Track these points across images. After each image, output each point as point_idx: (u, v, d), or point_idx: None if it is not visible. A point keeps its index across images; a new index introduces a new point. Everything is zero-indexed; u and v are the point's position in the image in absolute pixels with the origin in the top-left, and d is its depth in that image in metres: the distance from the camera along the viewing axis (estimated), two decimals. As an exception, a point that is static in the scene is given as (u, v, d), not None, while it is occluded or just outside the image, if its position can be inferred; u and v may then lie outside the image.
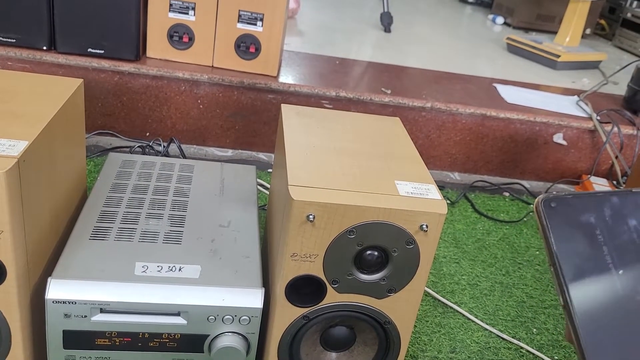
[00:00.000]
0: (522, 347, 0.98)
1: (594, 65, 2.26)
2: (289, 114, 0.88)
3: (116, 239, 0.78)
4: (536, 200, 0.40)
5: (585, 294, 0.37)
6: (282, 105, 0.90)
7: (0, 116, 0.70)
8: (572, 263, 0.38)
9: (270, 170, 1.45)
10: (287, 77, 1.50)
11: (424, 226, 0.68)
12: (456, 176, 1.60)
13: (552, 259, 0.38)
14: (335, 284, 0.71)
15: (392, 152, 0.81)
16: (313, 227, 0.67)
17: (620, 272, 0.38)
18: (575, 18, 2.18)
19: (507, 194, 1.54)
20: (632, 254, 0.39)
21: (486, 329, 1.01)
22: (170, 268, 0.74)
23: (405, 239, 0.69)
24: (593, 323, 0.36)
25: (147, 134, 1.46)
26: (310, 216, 0.66)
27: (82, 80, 0.84)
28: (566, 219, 0.39)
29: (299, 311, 0.72)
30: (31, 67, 1.35)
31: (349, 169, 0.73)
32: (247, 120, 1.48)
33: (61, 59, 1.35)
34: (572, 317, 0.37)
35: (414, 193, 0.70)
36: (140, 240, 0.78)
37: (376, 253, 0.70)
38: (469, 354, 0.95)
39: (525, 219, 1.42)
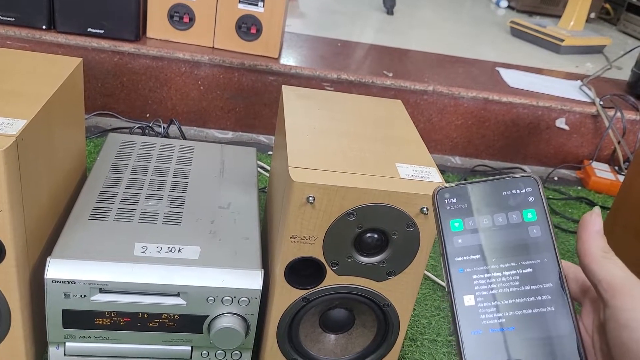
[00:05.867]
0: (520, 331, 0.98)
1: (598, 49, 2.23)
2: (290, 95, 0.88)
3: (115, 219, 0.78)
4: (433, 191, 0.39)
5: (463, 288, 0.36)
6: (282, 86, 0.90)
7: (-2, 94, 0.69)
8: (456, 255, 0.37)
9: (270, 152, 1.44)
10: (289, 59, 1.49)
11: (425, 209, 0.68)
12: (457, 160, 1.60)
13: (441, 248, 0.37)
14: (334, 266, 0.71)
15: (393, 135, 0.80)
16: (313, 209, 0.66)
17: (491, 266, 0.37)
18: (580, 2, 2.16)
19: (508, 178, 1.53)
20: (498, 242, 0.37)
21: (485, 313, 1.01)
22: (170, 249, 0.74)
23: (406, 221, 0.69)
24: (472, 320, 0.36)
25: (147, 115, 1.45)
26: (310, 198, 0.65)
27: (81, 59, 0.83)
28: (455, 211, 0.38)
29: (298, 293, 0.72)
30: (30, 46, 1.34)
31: (350, 151, 0.73)
32: (247, 102, 1.47)
33: (61, 38, 1.34)
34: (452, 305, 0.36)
35: (414, 176, 0.70)
36: (140, 221, 0.78)
37: (376, 236, 0.70)
38: (467, 337, 0.95)
39: (525, 203, 1.41)
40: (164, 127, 1.38)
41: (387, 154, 0.74)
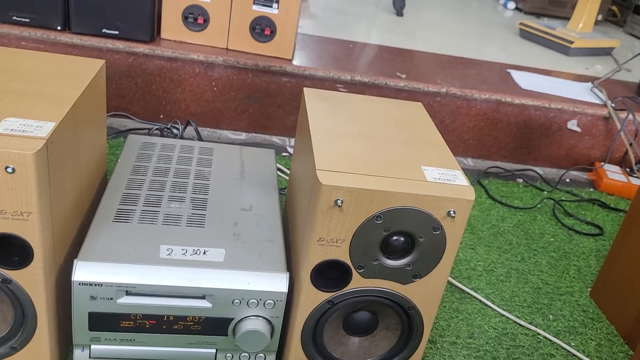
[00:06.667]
0: (539, 333, 0.98)
1: (606, 51, 2.23)
2: (312, 97, 0.88)
3: (139, 221, 0.78)
4: None
5: None
6: (304, 89, 0.90)
7: (27, 97, 0.69)
8: None
9: (284, 153, 1.44)
10: (302, 60, 1.49)
11: (452, 212, 0.68)
12: (469, 162, 1.59)
13: None
14: (360, 269, 0.71)
15: (416, 138, 0.80)
16: (340, 212, 0.66)
17: None
18: (589, 4, 2.16)
19: (520, 180, 1.53)
20: None
21: (503, 315, 1.01)
22: (195, 251, 0.74)
23: (432, 224, 0.69)
24: None
25: (161, 116, 1.45)
26: (339, 201, 0.65)
27: (104, 61, 0.83)
28: None
29: (324, 296, 0.72)
30: (45, 47, 1.34)
31: (375, 154, 0.73)
32: (261, 103, 1.47)
33: (75, 39, 1.34)
34: None
35: (441, 179, 0.70)
36: (164, 223, 0.78)
37: (402, 238, 0.70)
38: (486, 339, 0.95)
39: (539, 205, 1.41)
40: (179, 129, 1.38)
41: (413, 156, 0.74)
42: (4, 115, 0.64)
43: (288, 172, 1.33)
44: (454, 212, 0.68)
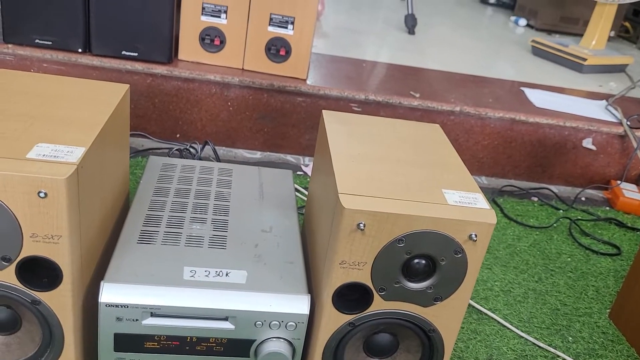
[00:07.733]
0: (558, 356, 0.98)
1: (620, 68, 2.24)
2: (331, 120, 0.89)
3: (163, 242, 0.79)
4: None
5: None
6: (323, 111, 0.91)
7: (56, 122, 0.71)
8: None
9: (299, 172, 1.45)
10: (316, 80, 1.51)
11: (473, 235, 0.68)
12: (484, 180, 1.60)
13: None
14: (382, 292, 0.71)
15: (436, 160, 0.81)
16: (363, 236, 0.67)
17: None
18: (602, 21, 2.17)
19: (535, 199, 1.53)
20: None
21: (522, 337, 1.01)
22: (218, 273, 0.75)
23: (454, 248, 0.69)
24: None
25: (178, 135, 1.47)
26: (361, 224, 0.66)
27: (129, 85, 0.85)
28: None
29: (345, 318, 0.73)
30: (66, 68, 1.37)
31: (396, 177, 0.74)
32: (276, 122, 1.49)
33: (96, 61, 1.36)
34: None
35: (462, 202, 0.71)
36: (186, 244, 0.79)
37: (424, 261, 0.70)
38: (506, 361, 0.95)
39: (555, 224, 1.41)
40: (196, 150, 1.40)
41: (432, 179, 0.75)
42: (35, 140, 0.66)
43: (303, 190, 1.34)
44: (476, 236, 0.69)
